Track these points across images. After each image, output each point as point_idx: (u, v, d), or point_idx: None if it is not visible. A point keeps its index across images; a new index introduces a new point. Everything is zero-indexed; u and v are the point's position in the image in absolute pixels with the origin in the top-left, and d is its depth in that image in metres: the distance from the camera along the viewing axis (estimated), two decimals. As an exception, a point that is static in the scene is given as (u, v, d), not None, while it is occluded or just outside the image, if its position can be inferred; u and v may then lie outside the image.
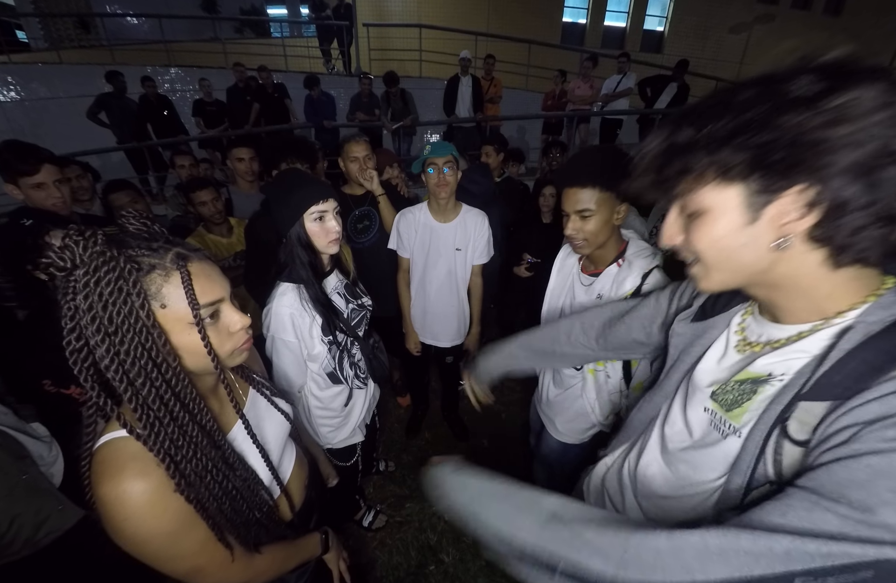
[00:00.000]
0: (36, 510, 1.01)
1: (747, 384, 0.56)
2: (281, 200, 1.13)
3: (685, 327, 0.70)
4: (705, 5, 9.18)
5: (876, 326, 0.46)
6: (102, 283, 0.52)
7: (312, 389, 1.28)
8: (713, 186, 0.48)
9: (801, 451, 0.47)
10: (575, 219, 1.06)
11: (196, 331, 0.60)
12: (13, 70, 5.94)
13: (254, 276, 1.71)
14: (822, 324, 0.51)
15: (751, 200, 0.46)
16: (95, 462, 0.58)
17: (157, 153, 4.88)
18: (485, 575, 1.65)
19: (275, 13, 13.43)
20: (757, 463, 0.51)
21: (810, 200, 0.43)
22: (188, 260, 0.60)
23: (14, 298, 1.13)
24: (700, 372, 0.64)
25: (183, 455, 0.59)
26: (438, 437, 2.33)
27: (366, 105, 5.04)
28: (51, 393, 1.18)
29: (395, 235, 1.83)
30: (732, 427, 0.56)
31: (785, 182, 0.44)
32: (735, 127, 0.44)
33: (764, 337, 0.57)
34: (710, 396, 0.60)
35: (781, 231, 0.46)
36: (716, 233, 0.50)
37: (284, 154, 1.76)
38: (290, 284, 1.14)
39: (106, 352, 0.53)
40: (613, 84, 5.09)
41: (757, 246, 0.48)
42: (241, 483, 0.69)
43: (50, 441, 1.15)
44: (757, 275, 0.51)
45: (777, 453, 0.49)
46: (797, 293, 0.51)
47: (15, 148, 1.40)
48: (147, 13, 9.61)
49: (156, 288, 0.57)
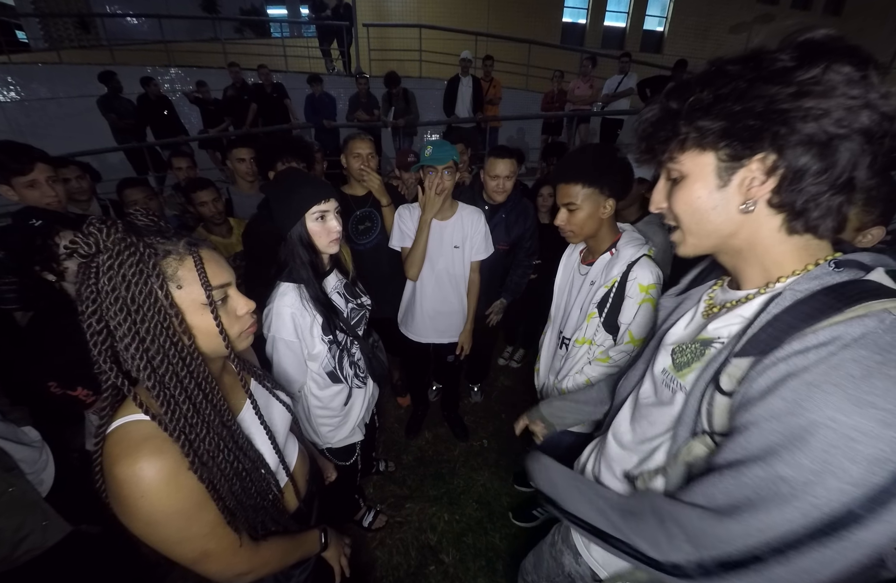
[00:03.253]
0: (17, 526, 0.98)
1: (698, 345, 0.62)
2: (282, 200, 1.12)
3: (669, 301, 0.77)
4: (705, 5, 9.19)
5: (802, 293, 0.50)
6: (126, 265, 0.56)
7: (312, 388, 1.28)
8: (692, 152, 0.53)
9: (727, 400, 0.53)
10: (563, 211, 1.18)
11: (209, 312, 0.64)
12: (13, 70, 5.94)
13: (252, 279, 1.70)
14: (763, 289, 0.56)
15: (722, 165, 0.51)
16: (109, 445, 0.60)
17: (157, 153, 4.88)
18: (485, 575, 1.65)
19: (275, 13, 13.44)
20: (697, 415, 0.58)
21: (770, 167, 0.48)
22: (199, 246, 0.65)
23: (14, 301, 1.13)
24: (669, 334, 0.71)
25: (197, 433, 0.62)
26: (438, 437, 2.33)
27: (365, 105, 5.04)
28: (56, 395, 1.17)
29: (396, 233, 1.81)
30: (679, 385, 0.63)
31: (749, 150, 0.48)
32: (714, 98, 0.48)
33: (722, 300, 0.63)
34: (670, 354, 0.67)
35: (747, 195, 0.51)
36: (692, 195, 0.55)
37: (281, 154, 1.75)
38: (290, 283, 1.14)
39: (127, 331, 0.57)
40: (615, 84, 5.08)
41: (726, 209, 0.53)
42: (250, 465, 0.72)
43: (41, 446, 1.14)
44: (723, 238, 0.56)
45: (709, 404, 0.56)
46: (753, 258, 0.56)
47: (7, 148, 1.40)
48: (147, 13, 9.62)
49: (172, 270, 0.61)
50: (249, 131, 4.85)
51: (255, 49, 7.26)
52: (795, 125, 0.44)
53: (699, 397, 0.57)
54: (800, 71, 0.44)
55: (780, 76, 0.45)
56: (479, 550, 1.74)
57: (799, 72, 0.44)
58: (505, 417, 2.46)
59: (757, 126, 0.46)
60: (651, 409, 0.70)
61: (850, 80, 0.43)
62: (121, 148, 4.79)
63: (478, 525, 1.84)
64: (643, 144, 0.58)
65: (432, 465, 2.15)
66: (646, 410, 0.71)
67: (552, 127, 5.67)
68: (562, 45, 8.04)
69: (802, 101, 0.44)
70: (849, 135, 0.44)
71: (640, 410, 0.73)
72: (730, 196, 0.52)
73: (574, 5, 9.04)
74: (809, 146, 0.45)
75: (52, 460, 1.15)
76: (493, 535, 1.79)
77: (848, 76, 0.43)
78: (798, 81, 0.44)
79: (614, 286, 1.19)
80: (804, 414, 0.42)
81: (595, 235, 1.21)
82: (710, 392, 0.56)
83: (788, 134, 0.45)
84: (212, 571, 0.68)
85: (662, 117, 0.54)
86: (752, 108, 0.46)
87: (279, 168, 1.73)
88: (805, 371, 0.43)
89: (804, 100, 0.44)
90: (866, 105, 0.43)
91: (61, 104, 5.73)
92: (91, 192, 2.17)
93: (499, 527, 1.83)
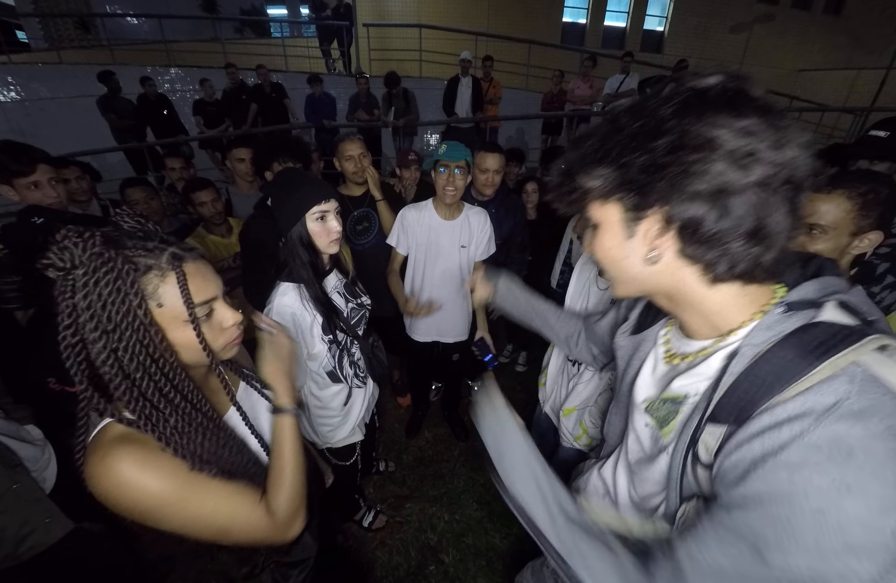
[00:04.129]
0: (21, 523, 0.98)
1: (669, 404, 0.58)
2: (282, 200, 1.12)
3: (625, 340, 0.73)
4: (705, 5, 9.17)
5: (761, 347, 0.47)
6: (101, 283, 0.54)
7: (312, 388, 1.28)
8: (598, 203, 0.52)
9: (707, 472, 0.49)
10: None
11: (191, 327, 0.62)
12: (13, 70, 5.93)
13: (251, 280, 1.70)
14: (718, 342, 0.53)
15: (626, 216, 0.49)
16: (88, 450, 0.60)
17: (157, 153, 4.88)
18: (484, 575, 1.65)
19: (275, 13, 13.43)
20: (682, 479, 0.54)
21: (665, 220, 0.46)
22: (183, 260, 0.62)
23: (15, 300, 1.14)
24: (637, 387, 0.66)
25: (191, 439, 0.61)
26: (438, 437, 2.33)
27: (365, 105, 5.04)
28: (55, 391, 1.18)
29: (396, 231, 1.82)
30: (662, 444, 0.59)
31: (644, 202, 0.46)
32: (605, 149, 0.47)
33: (680, 349, 0.60)
34: (646, 411, 0.63)
35: (652, 246, 0.49)
36: (604, 245, 0.54)
37: (277, 154, 1.75)
38: (290, 283, 1.14)
39: (103, 348, 0.55)
40: (616, 83, 5.07)
41: (636, 259, 0.51)
42: (241, 459, 0.71)
43: (43, 444, 1.14)
44: (647, 286, 0.54)
45: (693, 471, 0.52)
46: (689, 308, 0.54)
47: (8, 148, 1.39)
48: (147, 13, 9.61)
49: (152, 288, 0.59)
50: (249, 131, 4.85)
51: (255, 49, 7.26)
52: (679, 181, 0.42)
53: (680, 462, 0.54)
54: (681, 124, 0.42)
55: (660, 129, 0.43)
56: (479, 550, 1.74)
57: (680, 126, 0.42)
58: (505, 418, 2.46)
59: (643, 180, 0.44)
60: (642, 464, 0.65)
61: (738, 131, 0.40)
62: (121, 148, 4.79)
63: (478, 525, 1.84)
64: (559, 204, 0.56)
65: (432, 465, 2.15)
66: (636, 466, 0.67)
67: (552, 127, 5.67)
68: (562, 45, 8.03)
69: (681, 155, 0.41)
70: (740, 190, 0.41)
71: (632, 465, 0.69)
72: (636, 246, 0.50)
73: (574, 5, 9.03)
74: (697, 200, 0.43)
75: (54, 459, 1.15)
76: (493, 535, 1.80)
77: (734, 128, 0.40)
78: (678, 134, 0.42)
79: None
80: (789, 503, 0.38)
81: None
82: (690, 460, 0.52)
83: (672, 189, 0.43)
84: (249, 540, 0.67)
85: (566, 169, 0.52)
86: (634, 162, 0.44)
87: (275, 168, 1.73)
88: (782, 450, 0.40)
89: (682, 154, 0.41)
90: (755, 158, 0.40)
91: (61, 104, 5.72)
92: (91, 192, 2.17)
93: (499, 527, 1.83)
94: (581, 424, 1.31)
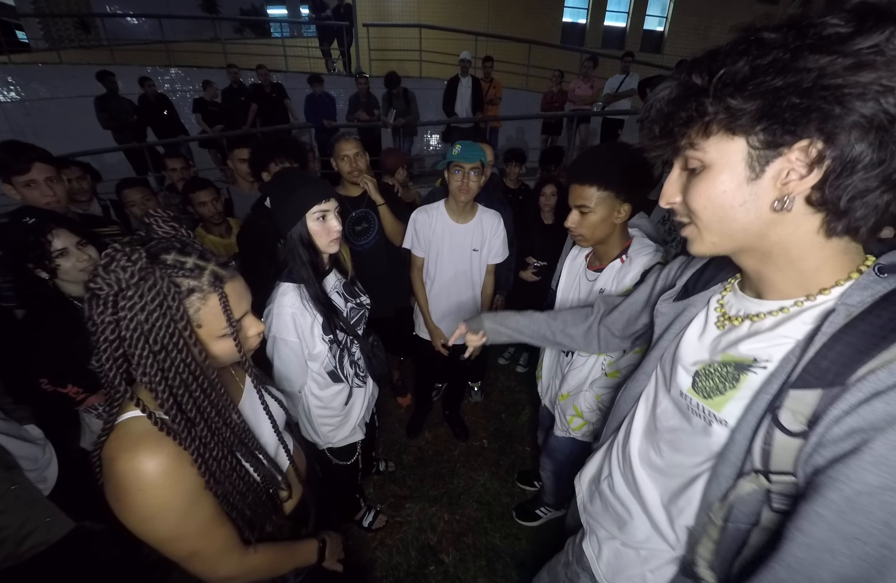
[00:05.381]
0: (22, 523, 0.99)
1: (730, 368, 0.54)
2: (282, 200, 1.12)
3: (668, 307, 0.71)
4: (705, 5, 9.17)
5: (856, 307, 0.44)
6: (149, 308, 0.55)
7: (312, 388, 1.28)
8: (718, 138, 0.45)
9: (798, 443, 0.45)
10: (575, 213, 1.12)
11: (225, 341, 0.66)
12: (13, 70, 5.93)
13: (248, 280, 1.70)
14: (804, 301, 0.50)
15: (755, 154, 0.43)
16: (111, 440, 0.60)
17: (157, 153, 4.88)
18: (485, 575, 1.65)
19: (275, 13, 13.43)
20: (747, 454, 0.50)
21: (816, 157, 0.40)
22: (223, 280, 0.63)
23: (13, 299, 1.14)
24: (683, 350, 0.63)
25: (201, 436, 0.63)
26: (438, 437, 2.33)
27: (364, 105, 5.04)
28: (48, 392, 1.18)
29: (410, 234, 1.82)
30: (714, 415, 0.55)
31: (790, 136, 0.40)
32: (750, 71, 0.40)
33: (742, 311, 0.57)
34: (693, 376, 0.60)
35: (783, 191, 0.43)
36: (715, 190, 0.47)
37: (273, 154, 1.75)
38: (290, 283, 1.14)
39: (150, 366, 0.57)
40: (616, 83, 5.07)
41: (756, 206, 0.45)
42: (249, 455, 0.73)
43: (44, 444, 1.14)
44: (750, 239, 0.49)
45: (766, 443, 0.48)
46: (786, 264, 0.49)
47: (9, 147, 1.41)
48: (147, 13, 9.62)
49: (194, 310, 0.61)
50: (250, 131, 4.85)
51: (255, 49, 7.25)
52: (852, 104, 0.37)
53: (749, 435, 0.50)
54: (858, 38, 0.36)
55: (832, 45, 0.37)
56: (479, 550, 1.74)
57: (857, 39, 0.36)
58: (505, 417, 2.46)
59: (803, 105, 0.38)
60: (678, 434, 0.62)
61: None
62: (121, 148, 4.79)
63: (478, 525, 1.84)
64: (657, 127, 0.49)
65: (432, 465, 2.15)
66: (670, 434, 0.64)
67: (552, 127, 5.67)
68: (562, 45, 8.03)
69: (861, 74, 0.36)
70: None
71: (662, 433, 0.66)
72: (762, 191, 0.44)
73: (574, 5, 9.03)
74: (867, 131, 0.37)
75: (55, 458, 1.15)
76: (493, 535, 1.79)
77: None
78: (855, 51, 0.36)
79: None
80: None
81: (605, 240, 1.15)
82: (765, 430, 0.48)
83: (843, 115, 0.37)
84: (198, 570, 0.68)
85: (683, 95, 0.45)
86: (797, 84, 0.38)
87: (272, 169, 1.73)
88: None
89: (863, 73, 0.36)
90: None
91: (61, 104, 5.73)
92: (91, 192, 2.17)
93: (499, 527, 1.83)
94: (575, 406, 1.34)
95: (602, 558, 0.80)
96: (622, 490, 0.76)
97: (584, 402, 1.31)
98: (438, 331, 1.94)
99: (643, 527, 0.71)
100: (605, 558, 0.80)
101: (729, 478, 0.52)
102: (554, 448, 1.52)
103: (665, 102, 0.47)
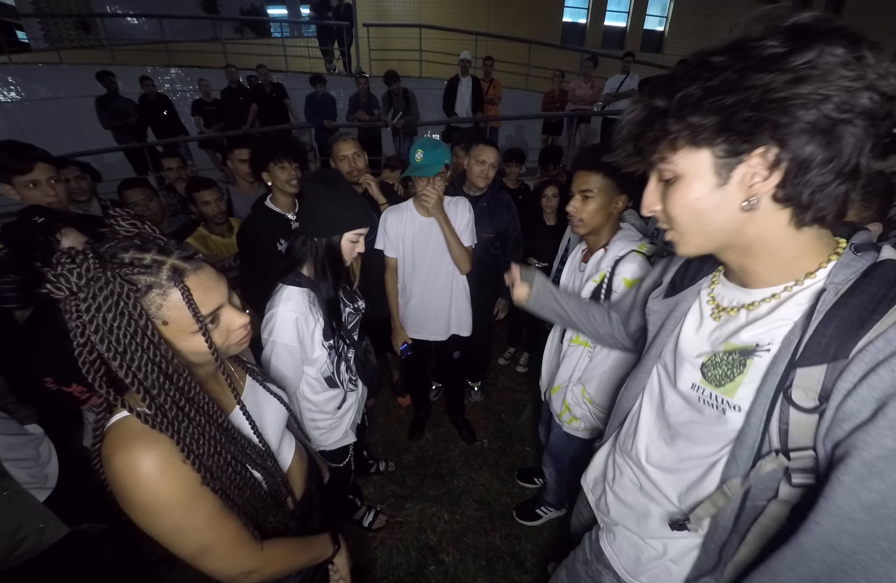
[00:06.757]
0: (14, 530, 0.98)
1: (735, 355, 0.57)
2: (328, 208, 1.13)
3: (658, 304, 0.74)
4: (705, 5, 9.17)
5: (843, 285, 0.49)
6: (104, 309, 0.54)
7: (305, 392, 1.27)
8: (685, 151, 0.50)
9: (813, 418, 0.48)
10: (578, 198, 1.18)
11: (199, 335, 0.63)
12: (13, 70, 5.94)
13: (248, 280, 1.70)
14: (793, 286, 0.54)
15: (720, 162, 0.48)
16: (107, 438, 0.60)
17: (157, 153, 4.88)
18: (485, 575, 1.65)
19: (275, 13, 13.44)
20: (763, 435, 0.53)
21: (773, 161, 0.46)
22: (184, 274, 0.60)
23: (14, 300, 1.14)
24: (683, 344, 0.66)
25: (187, 432, 0.62)
26: (438, 437, 2.33)
27: (365, 105, 5.04)
28: (52, 391, 1.18)
29: (381, 235, 1.79)
30: (727, 402, 0.58)
31: (748, 145, 0.46)
32: (704, 92, 0.45)
33: (736, 301, 0.60)
34: (700, 368, 0.62)
35: (749, 192, 0.48)
36: (689, 197, 0.52)
37: (273, 154, 1.75)
38: (295, 287, 1.14)
39: (119, 367, 0.56)
40: (617, 83, 5.08)
41: (728, 208, 0.50)
42: (242, 456, 0.72)
43: (41, 438, 1.14)
44: (729, 238, 0.54)
45: (782, 422, 0.51)
46: (767, 255, 0.54)
47: (9, 147, 1.40)
48: (147, 13, 9.63)
49: (156, 307, 0.59)
50: (250, 131, 4.85)
51: (256, 49, 7.25)
52: (796, 113, 0.42)
53: (764, 416, 0.52)
54: (794, 56, 0.42)
55: (772, 63, 0.43)
56: (479, 550, 1.74)
57: (793, 57, 0.42)
58: (505, 417, 2.46)
59: (755, 118, 0.44)
60: (692, 427, 0.64)
61: (846, 61, 0.41)
62: (121, 148, 4.79)
63: (478, 525, 1.84)
64: (630, 146, 0.55)
65: (432, 465, 2.15)
66: (684, 428, 0.66)
67: (552, 127, 5.67)
68: (562, 45, 8.03)
69: (800, 87, 0.42)
70: (852, 119, 0.42)
71: (676, 427, 0.67)
72: (730, 194, 0.49)
73: (574, 5, 9.03)
74: (813, 134, 0.43)
75: (55, 456, 1.15)
76: (493, 535, 1.80)
77: (843, 58, 0.41)
78: (793, 67, 0.42)
79: (604, 281, 1.19)
80: None
81: (598, 230, 1.22)
82: (779, 409, 0.51)
83: (791, 123, 0.43)
84: (214, 567, 0.67)
85: (648, 117, 0.51)
86: (746, 100, 0.43)
87: (272, 169, 1.72)
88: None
89: (802, 86, 0.42)
90: (866, 86, 0.41)
91: (61, 104, 5.73)
92: (91, 192, 2.17)
93: (499, 527, 1.83)
94: (564, 401, 1.36)
95: (622, 554, 0.81)
96: (633, 488, 0.76)
97: (570, 396, 1.34)
98: (403, 333, 1.94)
99: (659, 519, 0.72)
100: (626, 554, 0.80)
101: (746, 460, 0.55)
102: (555, 445, 1.54)
103: (633, 124, 0.53)
